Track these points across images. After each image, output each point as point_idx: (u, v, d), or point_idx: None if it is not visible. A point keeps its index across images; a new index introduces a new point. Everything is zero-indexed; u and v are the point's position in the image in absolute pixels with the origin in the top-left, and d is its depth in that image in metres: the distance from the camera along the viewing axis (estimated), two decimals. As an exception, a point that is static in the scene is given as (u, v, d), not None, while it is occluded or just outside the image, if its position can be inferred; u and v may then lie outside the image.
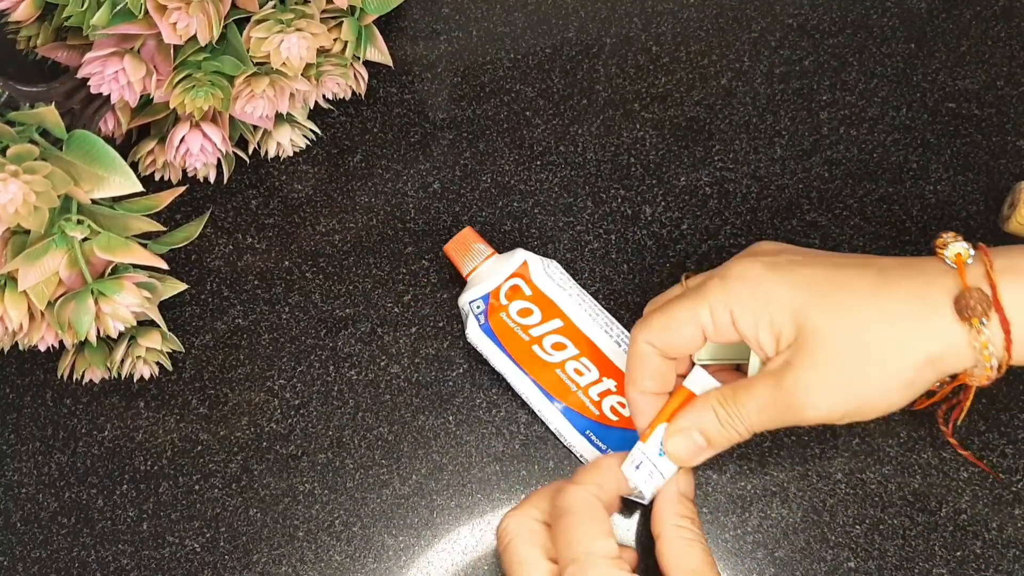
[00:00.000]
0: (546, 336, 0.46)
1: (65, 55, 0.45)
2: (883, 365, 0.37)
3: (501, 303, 0.46)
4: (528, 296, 0.46)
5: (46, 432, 0.49)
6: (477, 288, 0.47)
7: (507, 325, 0.46)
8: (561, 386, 0.45)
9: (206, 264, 0.51)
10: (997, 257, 0.38)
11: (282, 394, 0.49)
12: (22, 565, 0.47)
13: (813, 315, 0.38)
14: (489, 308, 0.46)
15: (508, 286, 0.46)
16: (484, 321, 0.46)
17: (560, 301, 0.47)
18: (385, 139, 0.53)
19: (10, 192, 0.38)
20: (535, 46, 0.54)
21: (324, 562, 0.46)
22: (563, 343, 0.46)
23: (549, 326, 0.46)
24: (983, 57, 0.52)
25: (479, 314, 0.46)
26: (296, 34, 0.44)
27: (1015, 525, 0.44)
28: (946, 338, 0.37)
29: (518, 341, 0.46)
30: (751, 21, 0.54)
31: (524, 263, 0.47)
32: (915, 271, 0.39)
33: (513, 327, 0.46)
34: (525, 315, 0.46)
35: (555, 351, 0.46)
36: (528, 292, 0.46)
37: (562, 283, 0.47)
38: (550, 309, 0.46)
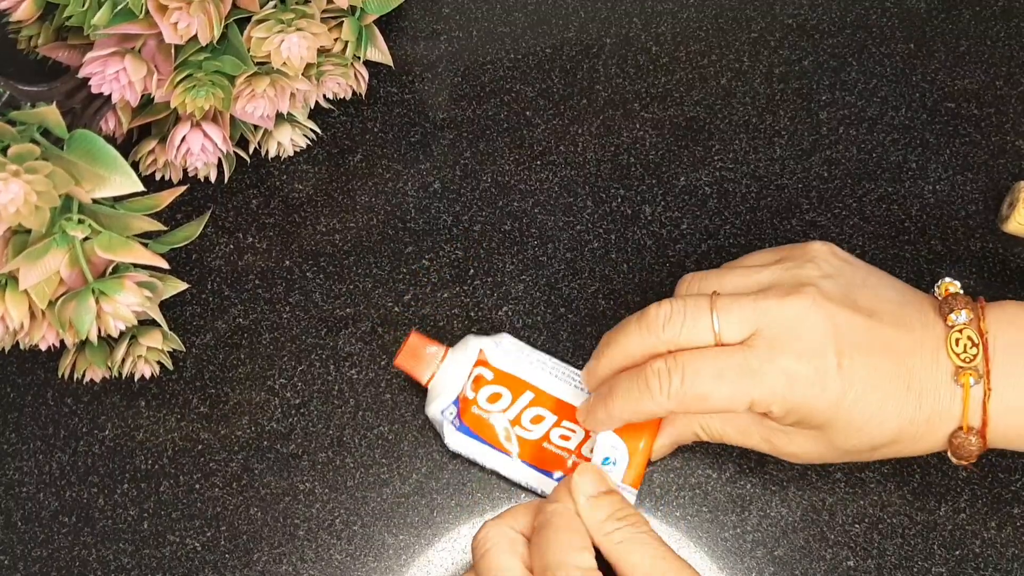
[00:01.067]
0: (522, 413, 0.45)
1: (66, 55, 0.45)
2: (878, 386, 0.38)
3: (468, 397, 0.45)
4: (491, 380, 0.45)
5: (47, 431, 0.49)
6: (443, 396, 0.45)
7: (482, 418, 0.44)
8: (553, 457, 0.45)
9: (207, 263, 0.51)
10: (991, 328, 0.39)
11: (283, 393, 0.49)
12: (23, 564, 0.47)
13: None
14: (461, 409, 0.45)
15: (471, 380, 0.45)
16: (460, 423, 0.44)
17: (523, 373, 0.45)
18: (385, 139, 0.53)
19: (11, 191, 0.38)
20: (535, 46, 0.54)
21: (324, 561, 0.46)
22: (540, 415, 0.45)
23: (521, 402, 0.45)
24: (982, 57, 0.52)
25: (453, 419, 0.45)
26: (297, 34, 0.44)
27: (1014, 524, 0.44)
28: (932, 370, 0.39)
29: (494, 429, 0.45)
30: (751, 21, 0.54)
31: (480, 351, 0.45)
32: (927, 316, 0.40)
33: (488, 417, 0.44)
34: (495, 400, 0.45)
35: (535, 425, 0.45)
36: (490, 376, 0.45)
37: (518, 354, 0.46)
38: (517, 385, 0.45)
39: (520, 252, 0.50)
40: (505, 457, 0.44)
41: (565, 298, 0.49)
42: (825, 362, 0.38)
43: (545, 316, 0.49)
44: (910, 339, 0.39)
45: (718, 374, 0.38)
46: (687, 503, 0.45)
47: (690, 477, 0.46)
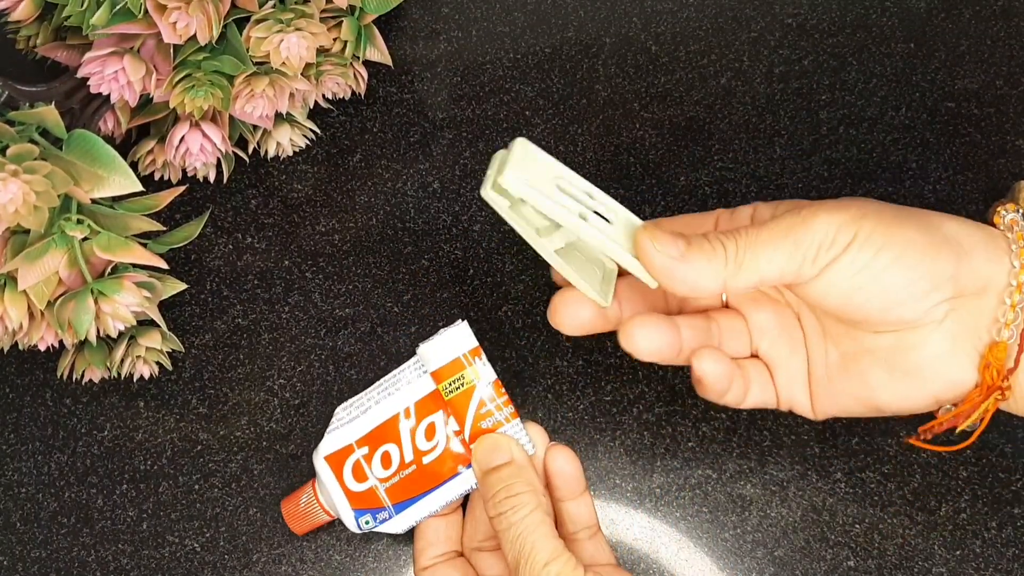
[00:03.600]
0: (415, 443, 0.40)
1: (65, 55, 0.45)
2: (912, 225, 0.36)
3: (364, 490, 0.41)
4: (366, 455, 0.41)
5: (46, 432, 0.49)
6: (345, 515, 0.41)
7: (396, 484, 0.40)
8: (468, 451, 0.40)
9: (206, 264, 0.51)
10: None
11: (282, 394, 0.49)
12: (22, 565, 0.47)
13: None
14: (372, 507, 0.41)
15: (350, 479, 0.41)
16: (389, 513, 0.41)
17: (378, 418, 0.41)
18: (385, 139, 0.53)
19: (10, 192, 0.38)
20: (535, 46, 0.54)
21: (324, 562, 0.46)
22: (429, 423, 0.40)
23: (406, 437, 0.41)
24: (982, 57, 0.52)
25: (379, 520, 0.41)
26: (296, 34, 0.44)
27: (1014, 524, 0.44)
28: (981, 234, 0.36)
29: (415, 478, 0.40)
30: (751, 21, 0.54)
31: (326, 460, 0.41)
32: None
33: (398, 479, 0.40)
34: (389, 463, 0.41)
35: (433, 439, 0.40)
36: (364, 451, 0.41)
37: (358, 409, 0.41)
38: (385, 432, 0.41)
39: (520, 252, 0.50)
40: (451, 483, 0.40)
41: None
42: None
43: (545, 316, 0.49)
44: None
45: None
46: (687, 503, 0.45)
47: (690, 477, 0.46)
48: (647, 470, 0.46)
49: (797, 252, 0.36)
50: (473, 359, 0.40)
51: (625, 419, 0.47)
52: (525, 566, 0.35)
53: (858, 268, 0.35)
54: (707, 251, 0.36)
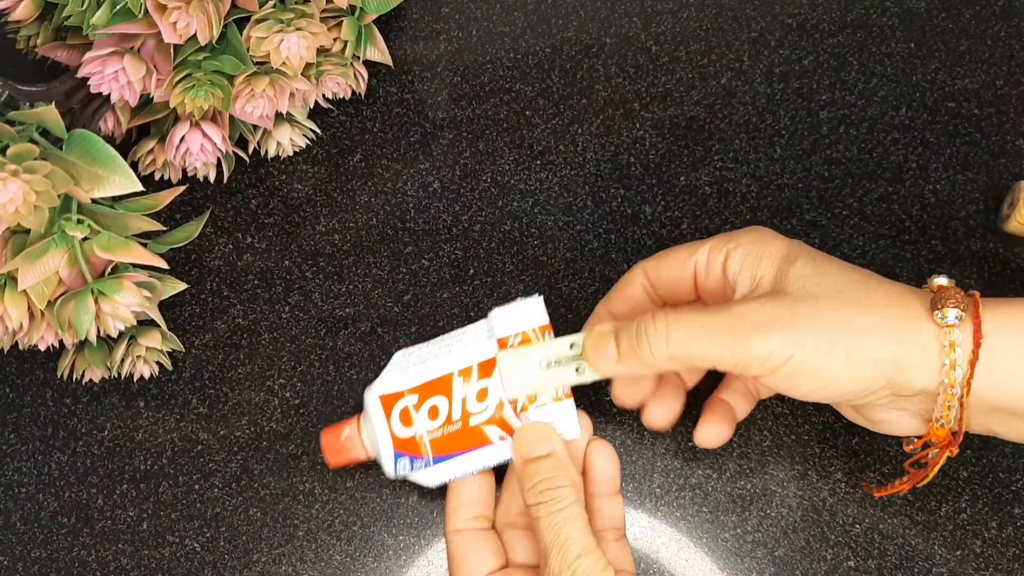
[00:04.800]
0: (465, 403, 0.40)
1: (65, 54, 0.45)
2: (845, 333, 0.36)
3: (408, 436, 0.41)
4: (416, 404, 0.41)
5: (46, 431, 0.49)
6: (384, 455, 0.42)
7: (439, 438, 0.41)
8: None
9: (206, 264, 0.51)
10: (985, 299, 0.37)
11: (282, 394, 0.49)
12: (22, 565, 0.47)
13: (799, 269, 0.37)
14: (412, 453, 0.41)
15: (397, 423, 0.41)
16: (426, 463, 0.41)
17: (434, 372, 0.41)
18: (385, 139, 0.53)
19: (10, 191, 0.38)
20: (535, 46, 0.54)
21: (324, 561, 0.46)
22: (483, 388, 0.40)
23: (458, 394, 0.41)
24: (983, 57, 0.52)
25: (414, 467, 0.41)
26: (296, 33, 0.44)
27: (1015, 525, 0.44)
28: (914, 333, 0.36)
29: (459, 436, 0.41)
30: (751, 21, 0.54)
31: (380, 400, 0.42)
32: (905, 286, 0.38)
33: (443, 433, 0.41)
34: (436, 415, 0.41)
35: (483, 402, 0.40)
36: (414, 400, 0.41)
37: (420, 358, 0.42)
38: (439, 386, 0.41)
39: (520, 252, 0.50)
40: (490, 449, 0.41)
41: (565, 298, 0.49)
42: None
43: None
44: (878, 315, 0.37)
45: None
46: (687, 503, 0.45)
47: (690, 477, 0.46)
48: (647, 470, 0.46)
49: (736, 362, 0.37)
50: (542, 335, 0.40)
51: (625, 419, 0.47)
52: (557, 555, 0.36)
53: (793, 383, 0.37)
54: (634, 348, 0.38)
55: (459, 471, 0.41)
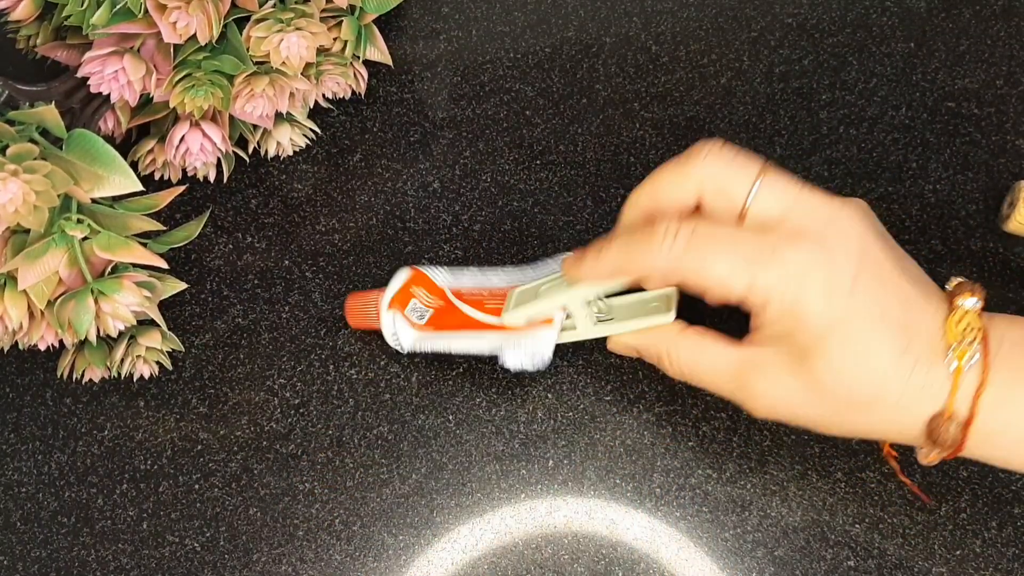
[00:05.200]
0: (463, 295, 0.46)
1: (65, 54, 0.45)
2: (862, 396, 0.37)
3: (409, 300, 0.46)
4: (426, 300, 0.46)
5: (46, 431, 0.49)
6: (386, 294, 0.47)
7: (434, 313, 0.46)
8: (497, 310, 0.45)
9: (206, 263, 0.51)
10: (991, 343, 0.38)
11: (282, 393, 0.49)
12: (22, 564, 0.47)
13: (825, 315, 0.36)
14: (408, 320, 0.46)
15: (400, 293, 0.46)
16: (419, 324, 0.46)
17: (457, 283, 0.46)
18: (385, 138, 0.53)
19: (10, 191, 0.38)
20: (535, 45, 0.54)
21: (324, 561, 0.46)
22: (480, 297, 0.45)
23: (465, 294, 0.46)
24: (982, 56, 0.52)
25: (407, 324, 0.46)
26: (296, 33, 0.44)
27: (1015, 524, 0.44)
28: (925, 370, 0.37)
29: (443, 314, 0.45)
30: (751, 20, 0.54)
31: (411, 272, 0.47)
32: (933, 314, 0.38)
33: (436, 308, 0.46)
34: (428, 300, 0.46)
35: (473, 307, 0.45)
36: (426, 297, 0.46)
37: (448, 273, 0.47)
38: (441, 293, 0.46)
39: (520, 252, 0.50)
40: (477, 333, 0.45)
41: (565, 298, 0.49)
42: (840, 276, 0.36)
43: (545, 316, 0.49)
44: (924, 304, 0.38)
45: (729, 247, 0.36)
46: (687, 503, 0.45)
47: (690, 477, 0.46)
48: (647, 470, 0.46)
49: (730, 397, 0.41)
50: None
51: (625, 419, 0.47)
52: None
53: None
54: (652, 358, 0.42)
55: (448, 345, 0.45)
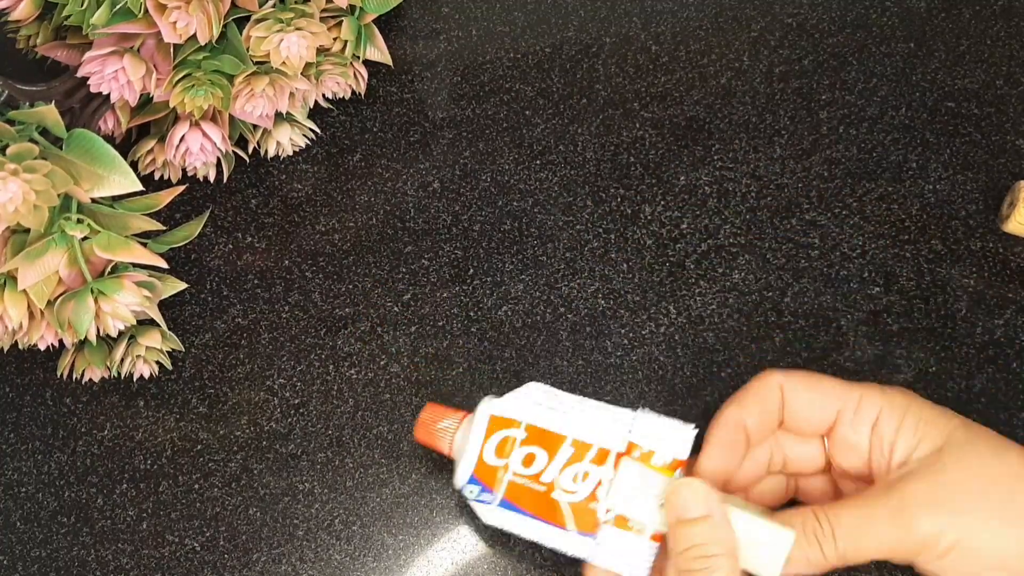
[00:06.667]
0: (562, 472, 0.38)
1: (65, 54, 0.45)
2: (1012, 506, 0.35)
3: (493, 465, 0.39)
4: (524, 440, 0.39)
5: (46, 431, 0.49)
6: (463, 464, 0.40)
7: (519, 485, 0.38)
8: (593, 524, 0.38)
9: (206, 263, 0.51)
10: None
11: (282, 393, 0.49)
12: (22, 564, 0.47)
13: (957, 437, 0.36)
14: (486, 483, 0.39)
15: (492, 447, 0.39)
16: (493, 499, 0.39)
17: (554, 426, 0.39)
18: (385, 138, 0.53)
19: (10, 191, 0.38)
20: (535, 45, 0.54)
21: (324, 561, 0.46)
22: (586, 471, 0.38)
23: (560, 459, 0.38)
24: (982, 56, 0.52)
25: (479, 495, 0.39)
26: (296, 33, 0.44)
27: (1014, 524, 0.44)
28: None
29: (537, 496, 0.38)
30: (751, 20, 0.54)
31: (490, 418, 0.40)
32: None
33: (525, 483, 0.38)
34: (530, 463, 0.39)
35: (578, 484, 0.38)
36: (522, 436, 0.39)
37: (549, 403, 0.40)
38: (551, 441, 0.39)
39: (520, 252, 0.50)
40: (557, 530, 0.38)
41: (565, 298, 0.49)
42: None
43: (545, 316, 0.49)
44: None
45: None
46: (687, 503, 0.45)
47: (690, 477, 0.46)
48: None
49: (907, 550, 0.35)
50: (671, 470, 0.38)
51: (625, 419, 0.47)
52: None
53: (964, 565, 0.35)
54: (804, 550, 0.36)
55: (520, 529, 0.39)
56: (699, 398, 0.47)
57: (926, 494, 0.35)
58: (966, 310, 0.47)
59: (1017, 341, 0.46)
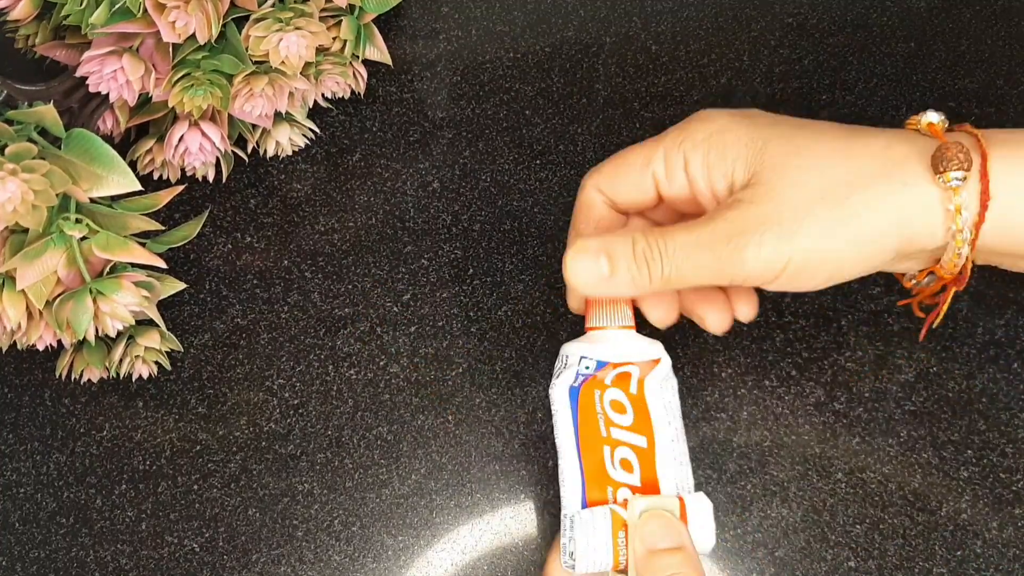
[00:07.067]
0: (622, 446, 0.38)
1: (63, 54, 0.45)
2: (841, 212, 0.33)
3: (605, 382, 0.38)
4: (632, 395, 0.38)
5: (44, 432, 0.49)
6: (598, 347, 0.39)
7: (593, 405, 0.38)
8: (602, 498, 0.38)
9: (205, 263, 0.51)
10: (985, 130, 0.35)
11: (281, 394, 0.48)
12: (20, 565, 0.47)
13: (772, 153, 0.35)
14: (592, 377, 0.39)
15: (622, 370, 0.39)
16: (577, 384, 0.39)
17: (656, 420, 0.38)
18: (384, 138, 0.53)
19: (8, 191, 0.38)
20: (534, 45, 0.54)
21: (323, 562, 0.46)
22: (632, 464, 0.38)
23: (631, 438, 0.38)
24: (982, 56, 0.52)
25: (582, 374, 0.39)
26: (295, 33, 0.44)
27: (1015, 525, 0.44)
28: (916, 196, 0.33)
29: (594, 429, 0.38)
30: (751, 20, 0.54)
31: (657, 360, 0.39)
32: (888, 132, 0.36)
33: (599, 413, 0.38)
34: (617, 410, 0.38)
35: (621, 468, 0.38)
36: (633, 391, 0.38)
37: (668, 403, 0.39)
38: (643, 422, 0.38)
39: (520, 252, 0.50)
40: (576, 453, 0.38)
41: (565, 298, 0.49)
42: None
43: (545, 316, 0.49)
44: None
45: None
46: (687, 504, 0.45)
47: (690, 477, 0.46)
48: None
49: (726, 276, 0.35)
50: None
51: (625, 419, 0.47)
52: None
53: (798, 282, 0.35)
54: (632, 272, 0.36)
55: (559, 428, 0.39)
56: (699, 398, 0.46)
57: (747, 218, 0.34)
58: (967, 310, 0.47)
59: (1017, 341, 0.46)
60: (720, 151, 0.36)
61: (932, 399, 0.46)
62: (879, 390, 0.46)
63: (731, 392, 0.47)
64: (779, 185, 0.34)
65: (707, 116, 0.37)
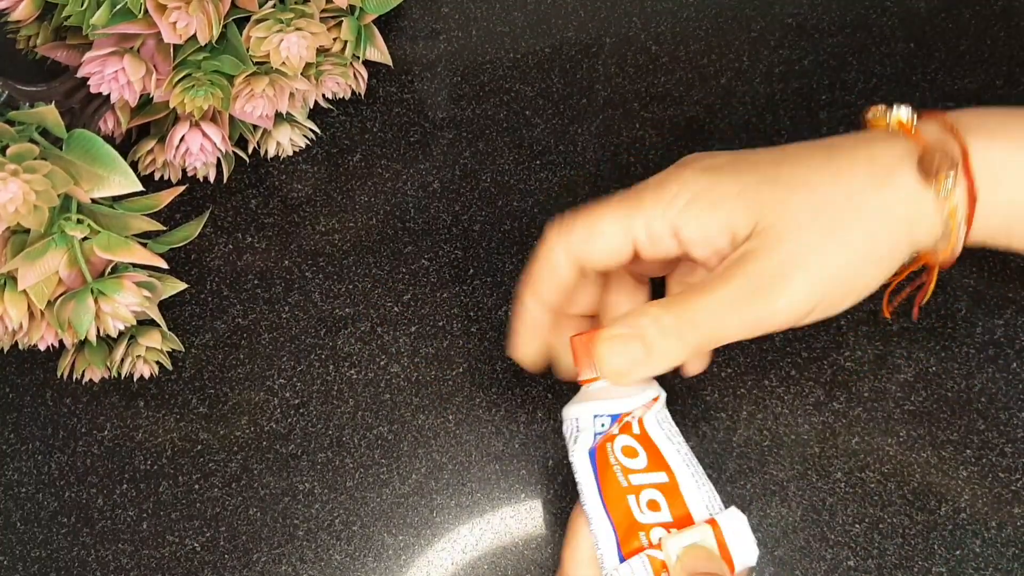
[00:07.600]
0: (646, 489, 0.37)
1: (65, 54, 0.45)
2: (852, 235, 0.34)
3: (613, 432, 0.38)
4: (637, 435, 0.38)
5: (46, 431, 0.49)
6: (604, 402, 0.38)
7: (608, 459, 0.37)
8: (637, 545, 0.37)
9: (206, 263, 0.51)
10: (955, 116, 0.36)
11: (282, 393, 0.49)
12: (22, 564, 0.47)
13: (767, 198, 0.35)
14: (607, 433, 0.38)
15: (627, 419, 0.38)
16: (594, 445, 0.38)
17: (667, 453, 0.38)
18: (385, 138, 0.53)
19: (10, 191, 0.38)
20: (535, 45, 0.54)
21: (324, 561, 0.46)
22: (659, 503, 0.37)
23: (652, 478, 0.37)
24: (982, 57, 0.52)
25: (599, 432, 0.38)
26: (296, 33, 0.44)
27: (1014, 524, 0.44)
28: (914, 203, 0.34)
29: (615, 483, 0.37)
30: (750, 21, 0.54)
31: (655, 398, 0.38)
32: (863, 139, 0.36)
33: (614, 464, 0.37)
34: (630, 455, 0.37)
35: (649, 510, 0.37)
36: (637, 431, 0.38)
37: (669, 432, 0.38)
38: (656, 458, 0.38)
39: (520, 252, 0.50)
40: (603, 510, 0.37)
41: (565, 298, 0.49)
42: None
43: (545, 316, 0.49)
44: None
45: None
46: (687, 503, 0.45)
47: (690, 477, 0.46)
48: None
49: (760, 329, 0.35)
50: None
51: (625, 419, 0.47)
52: None
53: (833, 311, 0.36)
54: (665, 349, 0.35)
55: (586, 490, 0.38)
56: (699, 398, 0.47)
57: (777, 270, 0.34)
58: (966, 310, 0.47)
59: (1017, 341, 0.46)
60: (711, 211, 0.36)
61: (931, 399, 0.46)
62: (878, 390, 0.46)
63: (730, 392, 0.47)
64: (787, 227, 0.34)
65: (682, 178, 0.37)
